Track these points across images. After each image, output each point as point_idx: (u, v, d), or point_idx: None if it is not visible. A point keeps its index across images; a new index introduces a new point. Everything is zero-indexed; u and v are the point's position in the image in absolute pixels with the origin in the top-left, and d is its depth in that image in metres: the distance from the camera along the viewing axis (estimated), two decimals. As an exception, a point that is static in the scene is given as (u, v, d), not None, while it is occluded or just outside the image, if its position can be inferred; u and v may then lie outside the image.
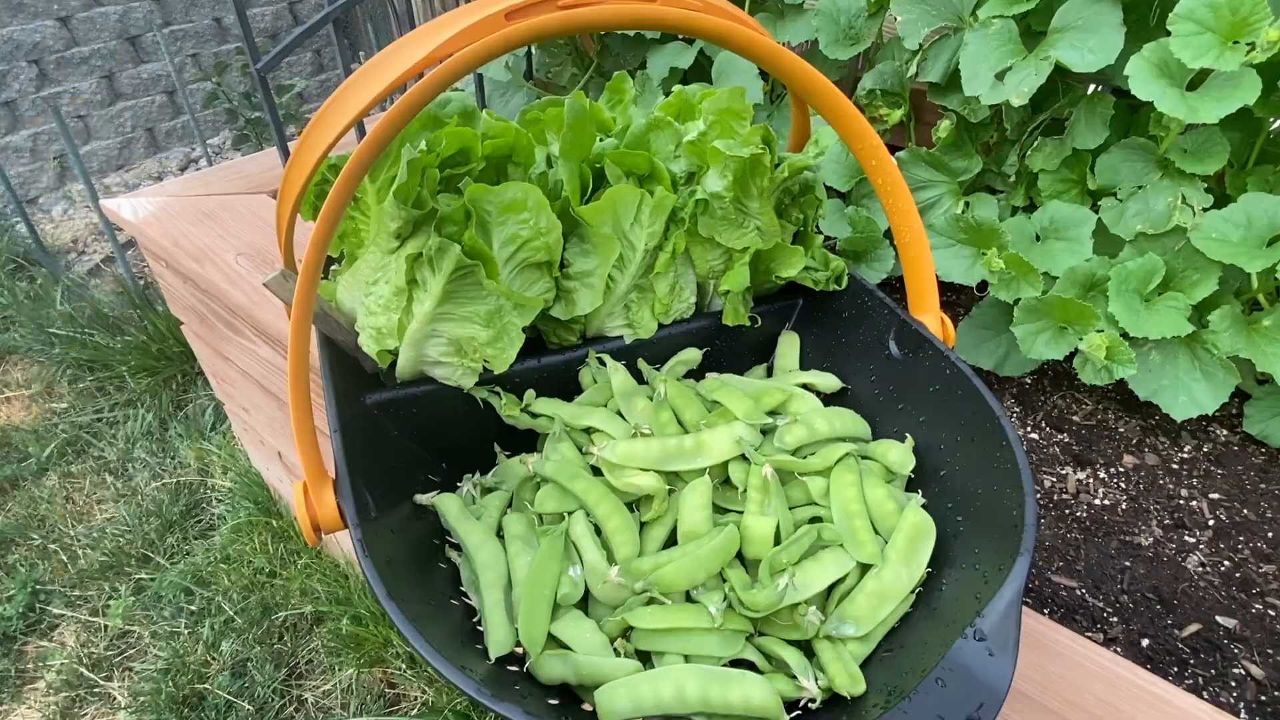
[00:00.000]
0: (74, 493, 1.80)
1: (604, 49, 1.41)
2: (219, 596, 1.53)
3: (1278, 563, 0.83)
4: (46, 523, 1.72)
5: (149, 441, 1.89)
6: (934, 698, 0.44)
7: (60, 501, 1.77)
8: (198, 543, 1.65)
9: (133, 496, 1.77)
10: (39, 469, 1.85)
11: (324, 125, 0.54)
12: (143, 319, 2.08)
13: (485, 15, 0.50)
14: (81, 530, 1.70)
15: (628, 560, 0.56)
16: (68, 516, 1.73)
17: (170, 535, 1.68)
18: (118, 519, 1.72)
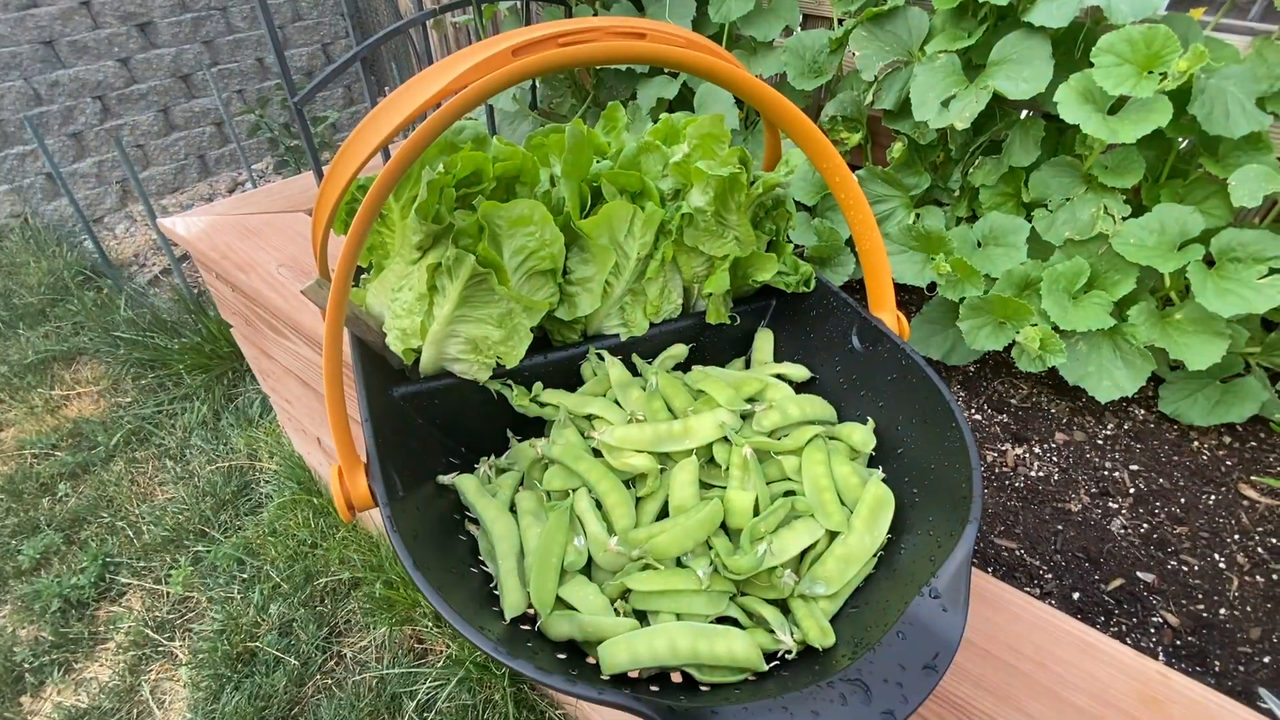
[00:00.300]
0: (138, 476, 1.77)
1: (599, 82, 1.40)
2: (267, 565, 1.51)
3: (1189, 524, 0.84)
4: (114, 503, 1.70)
5: (204, 430, 1.87)
6: (895, 649, 0.44)
7: (126, 484, 1.75)
8: (248, 519, 1.64)
9: (190, 479, 1.75)
10: (107, 456, 1.82)
11: (353, 150, 0.53)
12: (197, 323, 2.06)
13: (494, 52, 0.49)
14: (145, 509, 1.68)
15: (625, 530, 0.56)
16: (133, 497, 1.71)
17: (224, 512, 1.66)
18: (177, 499, 1.70)
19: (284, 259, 1.09)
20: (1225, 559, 0.79)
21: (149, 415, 1.92)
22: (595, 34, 0.52)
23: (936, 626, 0.44)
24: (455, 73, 0.49)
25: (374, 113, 0.52)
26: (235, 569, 1.53)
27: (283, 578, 1.48)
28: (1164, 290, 0.96)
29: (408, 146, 0.47)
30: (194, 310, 2.09)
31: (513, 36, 0.50)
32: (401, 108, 0.50)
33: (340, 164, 0.54)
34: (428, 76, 0.50)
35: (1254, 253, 0.86)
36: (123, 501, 1.70)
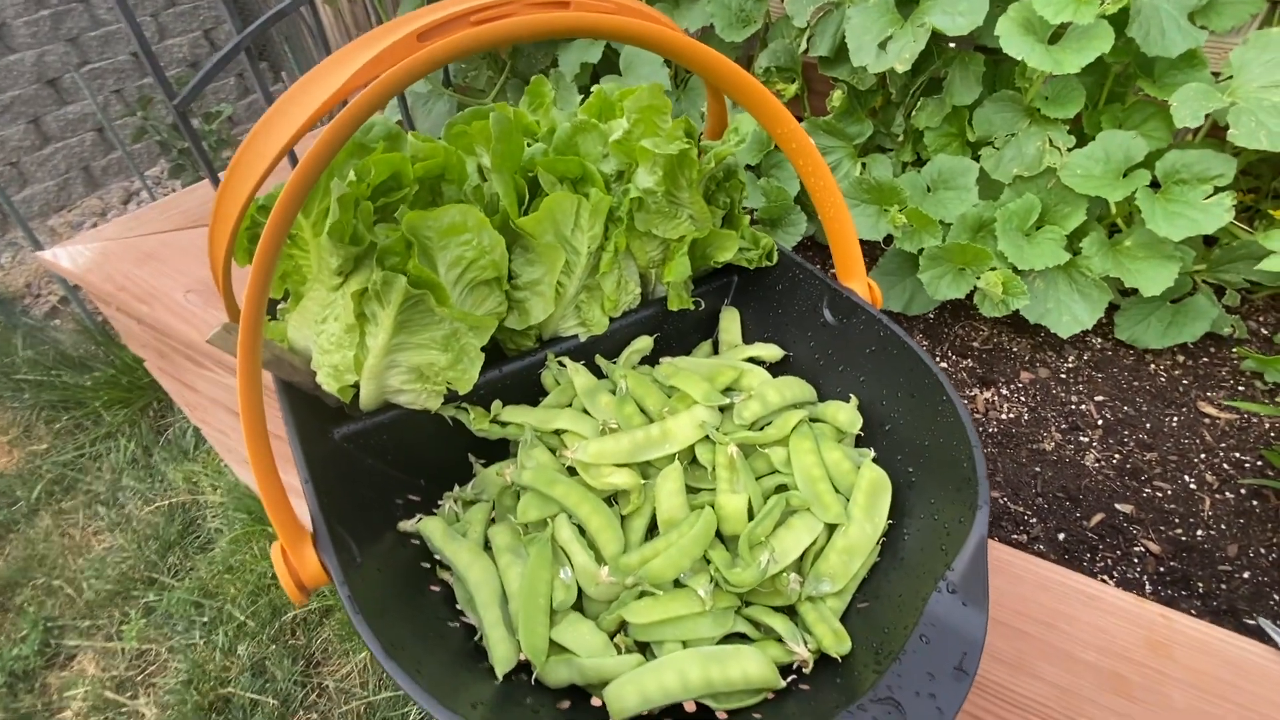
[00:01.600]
0: (69, 528, 1.63)
1: (516, 51, 1.29)
2: (228, 604, 1.42)
3: (1157, 450, 0.85)
4: (47, 561, 1.56)
5: (135, 470, 1.73)
6: (921, 655, 0.41)
7: (57, 538, 1.61)
8: (199, 558, 1.53)
9: (127, 524, 1.62)
10: (30, 511, 1.66)
11: (246, 165, 0.44)
12: (108, 355, 1.88)
13: (397, 39, 0.41)
14: (83, 563, 1.55)
15: (615, 557, 0.51)
16: (67, 552, 1.57)
17: (171, 555, 1.54)
18: (116, 547, 1.57)
19: (190, 283, 0.98)
20: (1195, 479, 0.81)
21: (70, 461, 1.76)
22: (512, 7, 0.44)
23: (959, 623, 0.42)
24: (351, 68, 0.41)
25: (264, 119, 0.43)
26: (193, 613, 1.42)
27: (247, 616, 1.39)
28: (1110, 217, 0.96)
29: (310, 159, 0.39)
30: (102, 341, 1.91)
31: (416, 18, 0.42)
32: (296, 113, 0.42)
33: (232, 183, 0.45)
34: (321, 74, 0.42)
35: (1198, 173, 0.85)
36: (56, 558, 1.56)
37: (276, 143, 0.42)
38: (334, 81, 0.41)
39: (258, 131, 0.43)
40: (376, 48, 0.41)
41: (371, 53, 0.41)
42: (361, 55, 0.41)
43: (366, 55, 0.41)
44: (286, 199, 0.39)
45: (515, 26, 0.44)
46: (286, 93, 0.43)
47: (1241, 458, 0.82)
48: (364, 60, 0.41)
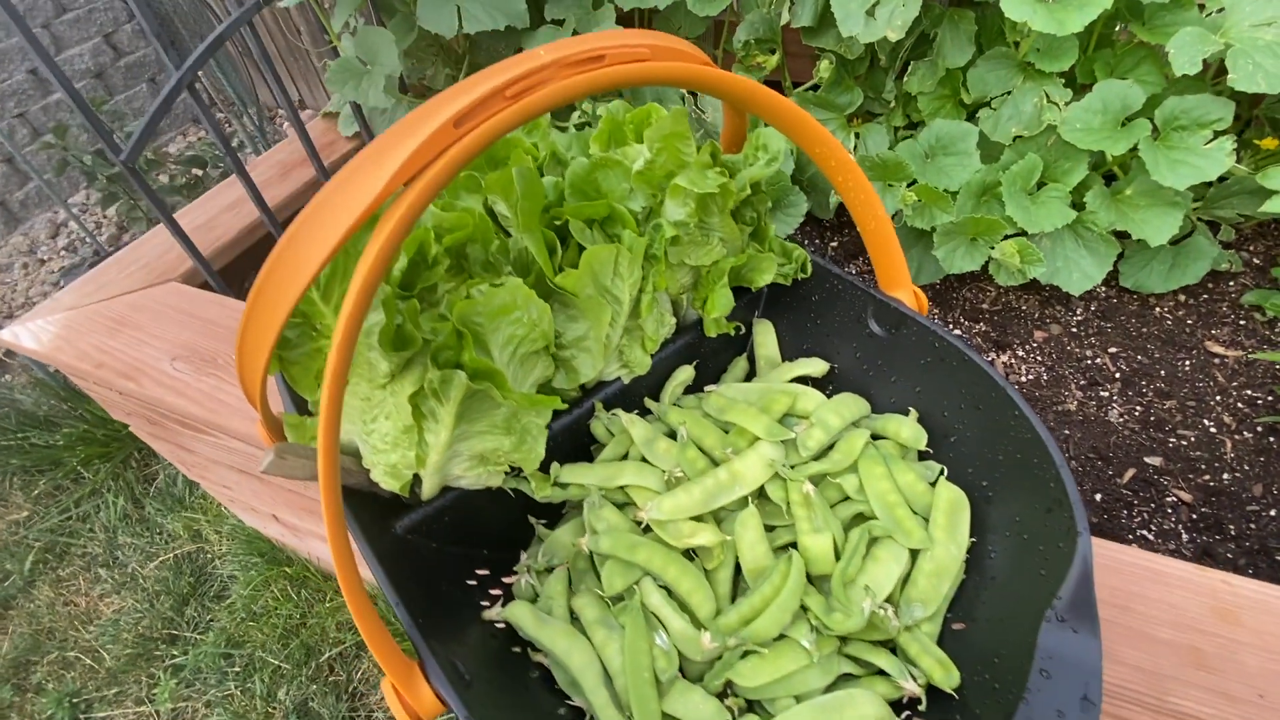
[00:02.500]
0: (72, 596, 1.57)
1: (473, 44, 1.21)
2: (258, 651, 1.39)
3: (1175, 397, 0.87)
4: (56, 633, 1.50)
5: (129, 525, 1.66)
6: (1046, 693, 0.41)
7: (61, 608, 1.55)
8: (217, 608, 1.49)
9: (134, 583, 1.56)
10: (26, 584, 1.59)
11: (277, 282, 0.40)
12: (76, 409, 1.78)
13: (434, 129, 0.37)
14: (96, 630, 1.49)
15: (711, 618, 0.50)
16: (76, 621, 1.52)
17: (188, 608, 1.50)
18: (128, 608, 1.52)
19: (174, 349, 0.91)
20: (1214, 422, 0.83)
21: (57, 526, 1.68)
22: (546, 72, 0.40)
23: (1075, 653, 0.42)
24: (390, 168, 0.37)
25: (293, 232, 0.39)
26: (223, 665, 1.40)
27: (281, 659, 1.37)
28: (1106, 165, 0.95)
29: (360, 292, 0.36)
30: (67, 395, 1.80)
31: (449, 102, 0.38)
32: (332, 224, 0.38)
33: (264, 298, 0.41)
34: (355, 177, 0.38)
35: (1196, 118, 0.85)
36: (65, 629, 1.50)
37: (314, 257, 0.38)
38: (370, 186, 0.37)
39: (291, 239, 0.39)
40: (411, 142, 0.37)
41: (406, 149, 0.37)
42: (396, 152, 0.37)
43: (401, 152, 0.37)
44: (346, 335, 0.36)
45: (554, 94, 0.40)
46: (319, 196, 0.38)
47: (1254, 395, 0.85)
48: (400, 159, 0.37)
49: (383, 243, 0.36)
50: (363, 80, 1.08)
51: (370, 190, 0.37)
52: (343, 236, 0.37)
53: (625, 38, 0.43)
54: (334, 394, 0.36)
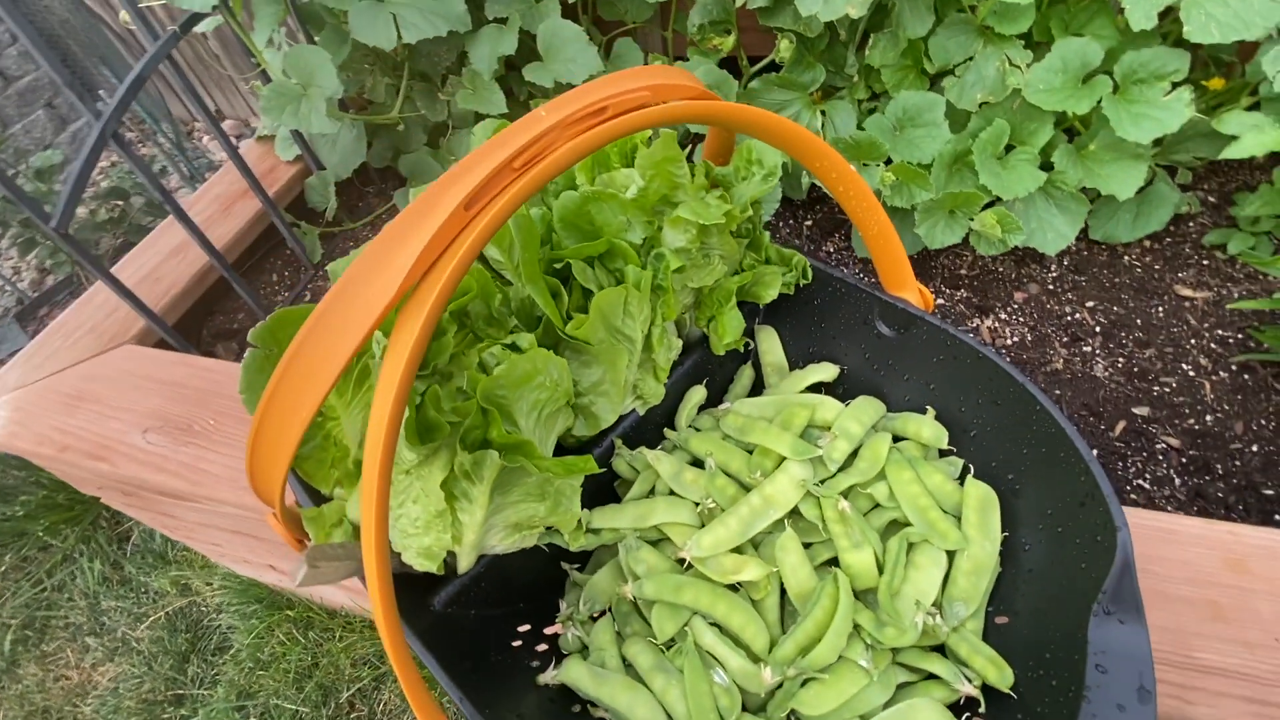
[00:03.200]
0: (63, 670, 1.50)
1: (413, 51, 1.14)
2: (273, 699, 1.36)
3: (1154, 344, 0.90)
4: (52, 712, 1.44)
5: (111, 588, 1.58)
6: (1104, 688, 0.43)
7: (53, 684, 1.48)
8: (222, 661, 1.45)
9: (127, 647, 1.50)
10: (9, 664, 1.52)
11: (291, 393, 0.37)
12: (32, 476, 1.67)
13: (444, 219, 0.34)
14: (95, 702, 1.44)
15: (766, 650, 0.51)
16: (72, 695, 1.46)
17: (190, 666, 1.45)
18: (125, 674, 1.46)
19: (143, 420, 0.86)
20: (1191, 366, 0.87)
21: (31, 600, 1.59)
22: (550, 136, 0.37)
23: (1126, 644, 0.44)
24: (398, 273, 0.34)
25: (306, 335, 0.36)
26: (238, 718, 1.36)
27: (298, 704, 1.35)
28: (1067, 121, 0.96)
29: (389, 416, 0.33)
30: (17, 462, 1.69)
31: (454, 184, 0.35)
32: (347, 328, 0.35)
33: (278, 410, 0.38)
34: (360, 284, 0.35)
35: (1154, 70, 0.86)
36: (61, 706, 1.44)
37: (330, 366, 0.35)
38: (384, 286, 0.34)
39: (304, 345, 0.36)
40: (422, 234, 0.34)
41: (418, 242, 0.34)
42: (407, 248, 0.34)
43: (413, 247, 0.34)
44: (385, 450, 0.33)
45: (562, 158, 0.37)
46: (330, 298, 0.35)
47: (1224, 334, 0.89)
48: (412, 255, 0.34)
49: (412, 347, 0.33)
50: (301, 104, 1.01)
51: (384, 291, 0.34)
52: (359, 343, 0.35)
53: (622, 83, 0.41)
54: (379, 516, 0.34)
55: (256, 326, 0.56)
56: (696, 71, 1.03)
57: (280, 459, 0.39)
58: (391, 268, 0.34)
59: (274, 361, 0.58)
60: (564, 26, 1.04)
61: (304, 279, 1.23)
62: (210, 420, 0.85)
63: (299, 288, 1.22)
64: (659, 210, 0.59)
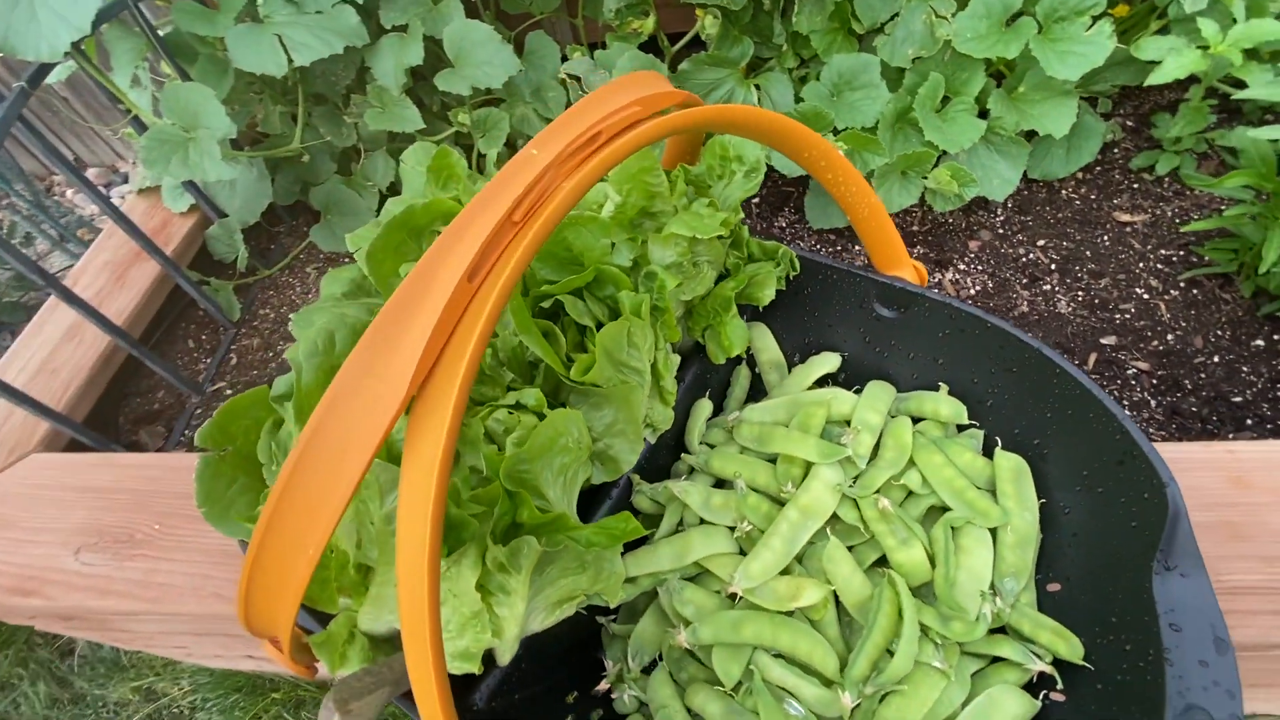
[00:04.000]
0: (23, 812, 1.34)
1: (306, 74, 1.03)
2: (276, 788, 1.26)
3: (1107, 274, 0.93)
4: None
5: (62, 708, 1.42)
6: (1184, 647, 0.42)
7: (15, 829, 1.32)
8: (210, 760, 1.33)
9: (96, 769, 1.35)
10: (-44, 820, 1.34)
11: (295, 519, 0.30)
12: (-63, 606, 1.46)
13: (448, 297, 0.29)
14: (69, 837, 1.29)
15: (838, 674, 0.48)
16: (40, 837, 1.30)
17: (174, 774, 1.32)
18: (100, 799, 1.32)
19: (74, 539, 0.75)
20: (1144, 289, 0.90)
21: (-30, 741, 1.41)
22: (547, 177, 0.32)
23: (1193, 598, 0.43)
24: (404, 370, 0.28)
25: (302, 455, 0.29)
26: (241, 817, 1.26)
27: (304, 788, 1.25)
28: (992, 66, 0.97)
29: (430, 544, 0.28)
30: (-83, 594, 1.47)
31: (450, 252, 0.30)
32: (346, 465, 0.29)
33: (281, 540, 0.31)
34: (359, 389, 0.29)
35: (1074, 6, 0.87)
36: None
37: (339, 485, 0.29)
38: (391, 385, 0.28)
39: (302, 461, 0.29)
40: (424, 318, 0.29)
41: (420, 332, 0.29)
42: (409, 335, 0.29)
43: (415, 338, 0.29)
44: (430, 586, 0.28)
45: (565, 200, 0.32)
46: (325, 405, 0.29)
47: (1168, 254, 0.93)
48: (416, 348, 0.28)
49: (440, 460, 0.28)
50: (189, 151, 0.89)
51: (391, 394, 0.28)
52: (367, 462, 0.29)
53: (608, 102, 0.36)
54: (437, 675, 0.28)
55: (203, 427, 0.49)
56: (621, 59, 0.97)
57: (285, 601, 0.33)
58: (395, 364, 0.28)
59: (231, 464, 0.50)
60: (473, 28, 0.95)
61: (225, 340, 1.11)
62: (154, 525, 0.75)
63: (220, 350, 1.10)
64: (637, 224, 0.54)
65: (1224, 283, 0.88)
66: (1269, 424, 0.78)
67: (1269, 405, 0.79)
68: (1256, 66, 0.81)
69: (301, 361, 0.42)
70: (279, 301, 1.17)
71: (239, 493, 0.51)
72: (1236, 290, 0.87)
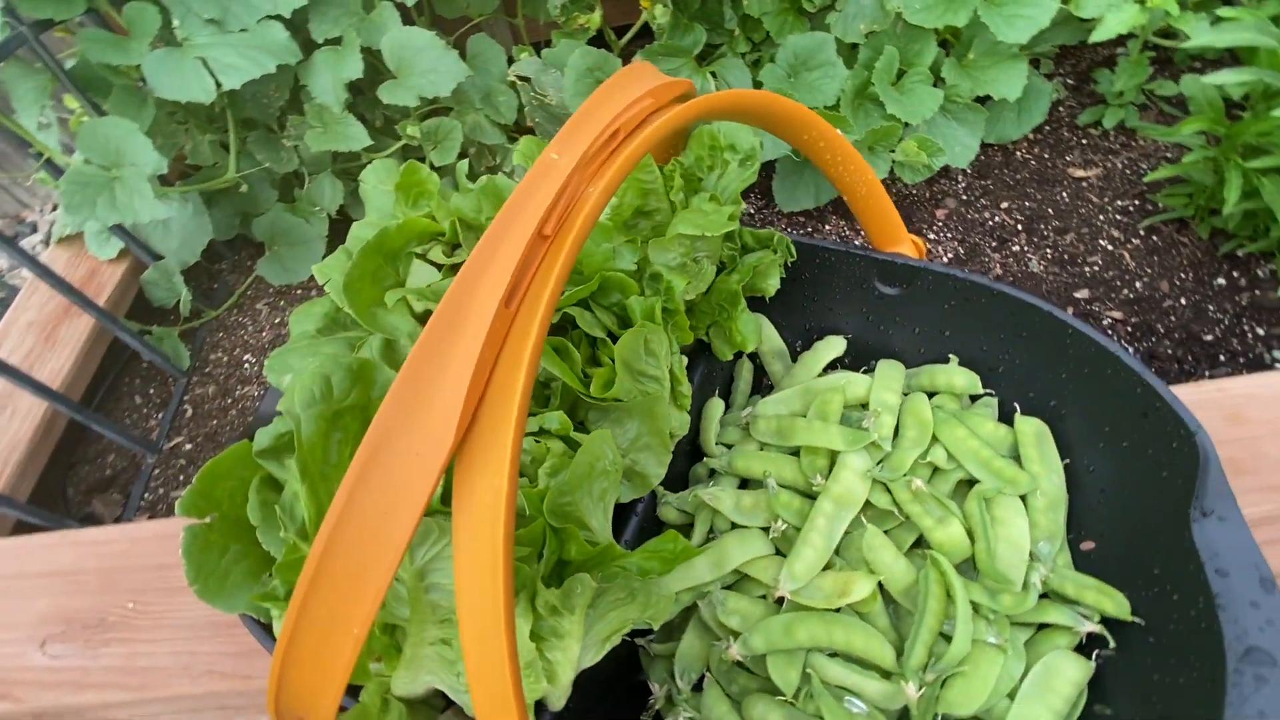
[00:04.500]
0: None
1: (235, 98, 0.95)
2: None
3: (1071, 229, 0.95)
4: None
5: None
6: (1231, 590, 0.43)
7: None
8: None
9: None
10: None
11: (337, 594, 0.27)
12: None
13: (490, 323, 0.26)
14: None
15: (892, 664, 0.47)
16: None
17: None
18: None
19: (37, 631, 0.68)
20: (1108, 240, 0.93)
21: None
22: (574, 184, 0.29)
23: (1233, 541, 0.44)
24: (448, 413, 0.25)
25: (338, 522, 0.26)
26: None
27: None
28: (939, 35, 0.98)
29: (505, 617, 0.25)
30: None
31: (481, 278, 0.27)
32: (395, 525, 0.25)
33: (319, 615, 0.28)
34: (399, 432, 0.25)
35: (1015, -30, 0.88)
36: None
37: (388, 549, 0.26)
38: (436, 432, 0.25)
39: (340, 526, 0.26)
40: (465, 353, 0.26)
41: (464, 364, 0.25)
42: (449, 373, 0.25)
43: (458, 373, 0.25)
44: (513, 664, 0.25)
45: (596, 205, 0.29)
46: (363, 457, 0.25)
47: (1124, 204, 0.95)
48: (462, 381, 0.25)
49: (504, 515, 0.25)
50: (115, 192, 0.81)
51: (438, 442, 0.25)
52: (416, 520, 0.26)
53: (618, 97, 0.33)
54: None
55: (184, 495, 0.44)
56: (573, 56, 0.94)
57: (328, 687, 0.29)
58: (437, 407, 0.25)
59: (220, 532, 0.46)
60: (412, 35, 0.90)
61: (177, 391, 1.03)
62: (127, 604, 0.68)
63: (173, 403, 1.02)
64: (632, 225, 0.52)
65: (1180, 227, 0.92)
66: (1240, 358, 0.81)
67: (1237, 340, 0.82)
68: (1192, 16, 0.83)
69: (299, 413, 0.38)
70: (231, 343, 1.09)
71: (233, 562, 0.46)
72: (1193, 233, 0.90)
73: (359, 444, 0.27)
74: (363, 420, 0.40)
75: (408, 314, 0.48)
